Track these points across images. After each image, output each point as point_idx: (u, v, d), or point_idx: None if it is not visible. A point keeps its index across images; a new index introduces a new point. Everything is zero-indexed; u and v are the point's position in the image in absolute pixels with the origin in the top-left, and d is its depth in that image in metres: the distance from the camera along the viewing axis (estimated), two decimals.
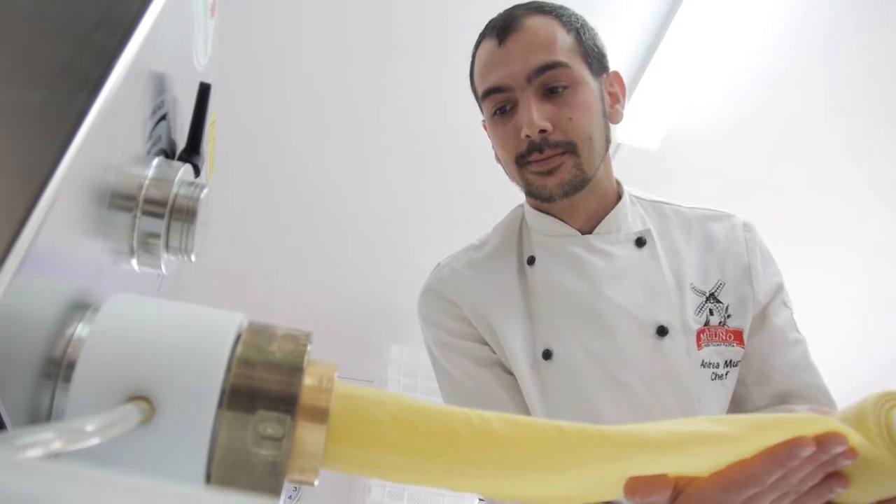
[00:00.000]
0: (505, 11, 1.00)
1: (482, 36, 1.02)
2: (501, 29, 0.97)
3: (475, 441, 0.41)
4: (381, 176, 2.41)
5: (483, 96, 0.99)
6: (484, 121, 1.07)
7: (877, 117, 2.24)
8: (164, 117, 0.46)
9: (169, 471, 0.33)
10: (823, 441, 0.53)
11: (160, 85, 0.44)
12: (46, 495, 0.17)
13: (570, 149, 0.95)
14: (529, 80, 0.93)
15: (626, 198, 1.05)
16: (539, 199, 0.99)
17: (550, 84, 0.94)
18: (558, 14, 0.98)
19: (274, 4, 1.96)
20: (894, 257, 2.66)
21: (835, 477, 0.56)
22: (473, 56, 1.04)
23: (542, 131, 0.93)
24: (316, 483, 0.37)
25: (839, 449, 0.53)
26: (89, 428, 0.28)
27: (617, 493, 0.50)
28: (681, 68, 2.08)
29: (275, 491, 0.33)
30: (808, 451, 0.52)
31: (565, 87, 0.94)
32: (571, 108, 0.94)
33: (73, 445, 0.27)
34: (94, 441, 0.28)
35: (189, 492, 0.18)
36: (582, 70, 0.96)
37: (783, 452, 0.53)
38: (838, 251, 2.62)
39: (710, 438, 0.50)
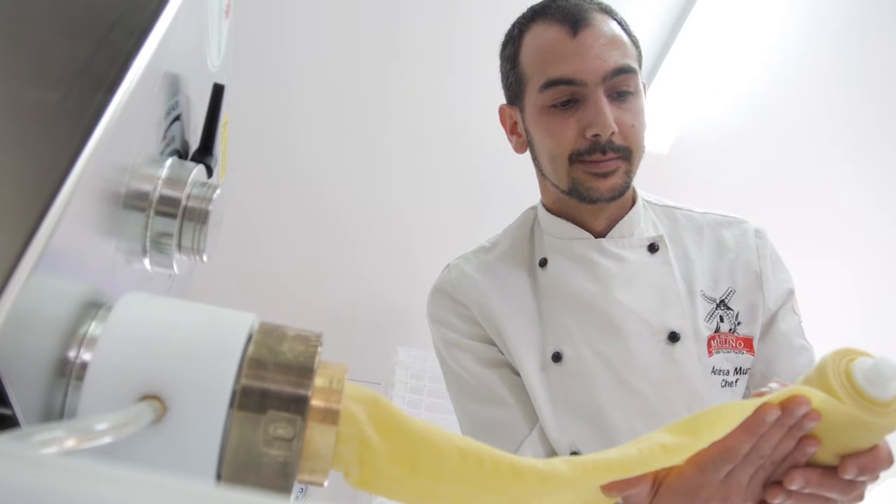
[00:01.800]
0: (568, 1, 0.97)
1: (536, 17, 0.99)
2: (575, 19, 0.94)
3: (464, 461, 0.42)
4: (388, 179, 2.41)
5: (546, 85, 0.95)
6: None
7: (882, 127, 2.24)
8: (178, 118, 0.46)
9: (180, 470, 0.33)
10: (787, 404, 0.56)
11: (175, 85, 0.44)
12: (62, 491, 0.17)
13: (626, 155, 0.95)
14: (605, 79, 0.92)
15: (639, 203, 1.05)
16: (581, 199, 0.98)
17: (621, 88, 0.93)
18: (619, 19, 0.98)
19: (282, 8, 1.97)
20: (888, 270, 2.64)
21: (804, 440, 0.58)
22: (520, 37, 1.00)
23: (611, 133, 0.92)
24: (325, 484, 0.37)
25: (803, 410, 0.55)
26: (101, 426, 0.28)
27: (602, 501, 0.52)
28: (691, 74, 2.07)
29: (285, 491, 0.33)
30: (773, 415, 0.55)
31: (630, 94, 0.94)
32: (634, 114, 0.94)
33: (86, 444, 0.27)
34: (107, 439, 0.28)
35: (203, 489, 0.19)
36: (640, 78, 0.97)
37: (751, 421, 0.56)
38: (832, 262, 2.60)
39: (681, 450, 0.52)
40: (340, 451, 0.38)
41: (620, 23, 0.98)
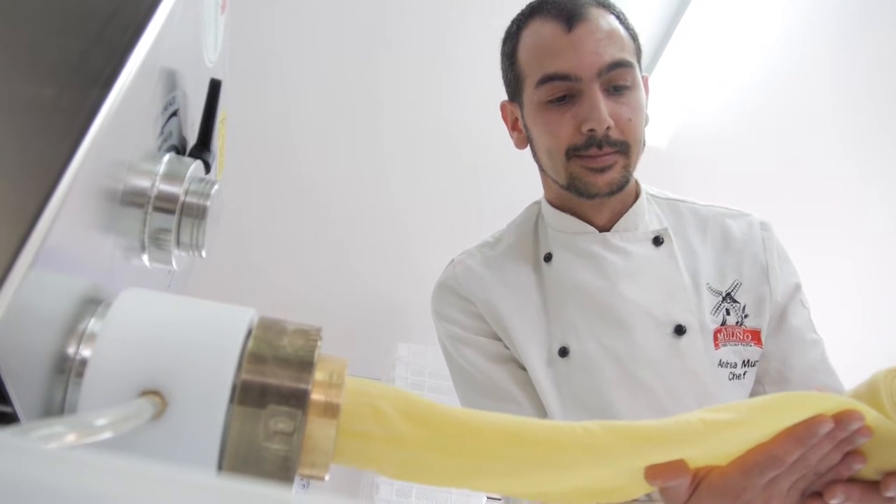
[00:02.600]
0: None
1: (533, 13, 0.99)
2: (570, 15, 0.94)
3: (505, 440, 0.42)
4: (386, 175, 2.41)
5: (542, 81, 0.95)
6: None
7: (882, 121, 2.23)
8: (175, 113, 0.46)
9: (180, 465, 0.33)
10: (841, 418, 0.54)
11: (171, 81, 0.44)
12: (64, 483, 0.17)
13: (624, 149, 0.94)
14: (600, 74, 0.92)
15: (643, 196, 1.05)
16: (580, 194, 0.98)
17: (615, 82, 0.93)
18: (617, 13, 0.98)
19: (278, 4, 1.97)
20: (889, 264, 2.64)
21: (851, 454, 0.57)
22: (518, 34, 1.01)
23: (606, 128, 0.92)
24: (326, 478, 0.37)
25: (856, 425, 0.54)
26: (101, 422, 0.28)
27: (640, 487, 0.51)
28: (689, 67, 2.07)
29: (286, 485, 0.33)
30: (826, 427, 0.54)
31: (627, 88, 0.94)
32: (631, 108, 0.94)
33: (86, 439, 0.27)
34: (107, 435, 0.28)
35: (206, 480, 0.19)
36: (638, 72, 0.97)
37: (803, 430, 0.54)
38: (834, 258, 2.60)
39: (722, 426, 0.51)
40: (370, 451, 0.39)
41: (619, 16, 0.98)
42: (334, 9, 1.99)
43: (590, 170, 0.95)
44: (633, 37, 0.98)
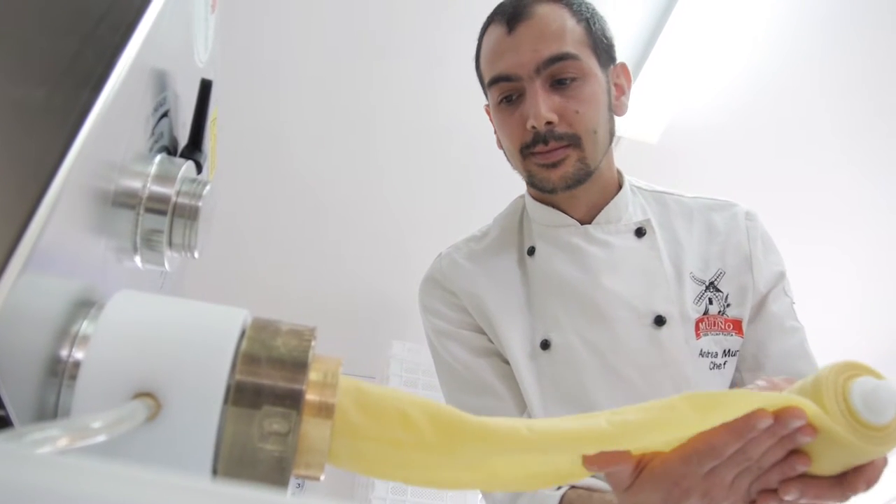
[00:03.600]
0: None
1: (490, 20, 1.01)
2: (511, 16, 0.96)
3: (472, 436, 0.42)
4: (381, 173, 2.41)
5: (490, 83, 0.98)
6: (487, 105, 1.07)
7: (877, 111, 2.24)
8: (165, 114, 0.46)
9: (175, 467, 0.33)
10: (781, 415, 0.54)
11: (162, 81, 0.44)
12: (59, 489, 0.17)
13: (575, 142, 0.95)
14: (538, 70, 0.93)
15: (626, 188, 1.05)
16: (541, 190, 1.00)
17: (559, 76, 0.94)
18: (568, 3, 0.98)
19: (269, 2, 1.96)
20: (887, 254, 2.66)
21: (796, 455, 0.57)
22: (480, 40, 1.03)
23: (549, 123, 0.93)
24: (322, 478, 0.37)
25: (797, 423, 0.53)
26: (96, 425, 0.28)
27: (584, 473, 0.53)
28: (680, 61, 2.07)
29: (282, 486, 0.33)
30: (765, 423, 0.53)
31: (573, 79, 0.94)
32: (578, 101, 0.94)
33: (80, 442, 0.27)
34: (101, 438, 0.28)
35: (199, 484, 0.18)
36: (590, 62, 0.97)
37: (741, 424, 0.54)
38: (830, 248, 2.61)
39: (661, 423, 0.51)
40: (393, 457, 0.39)
41: (571, 6, 0.98)
42: (325, 6, 1.98)
43: (542, 166, 0.96)
44: (589, 27, 0.98)
